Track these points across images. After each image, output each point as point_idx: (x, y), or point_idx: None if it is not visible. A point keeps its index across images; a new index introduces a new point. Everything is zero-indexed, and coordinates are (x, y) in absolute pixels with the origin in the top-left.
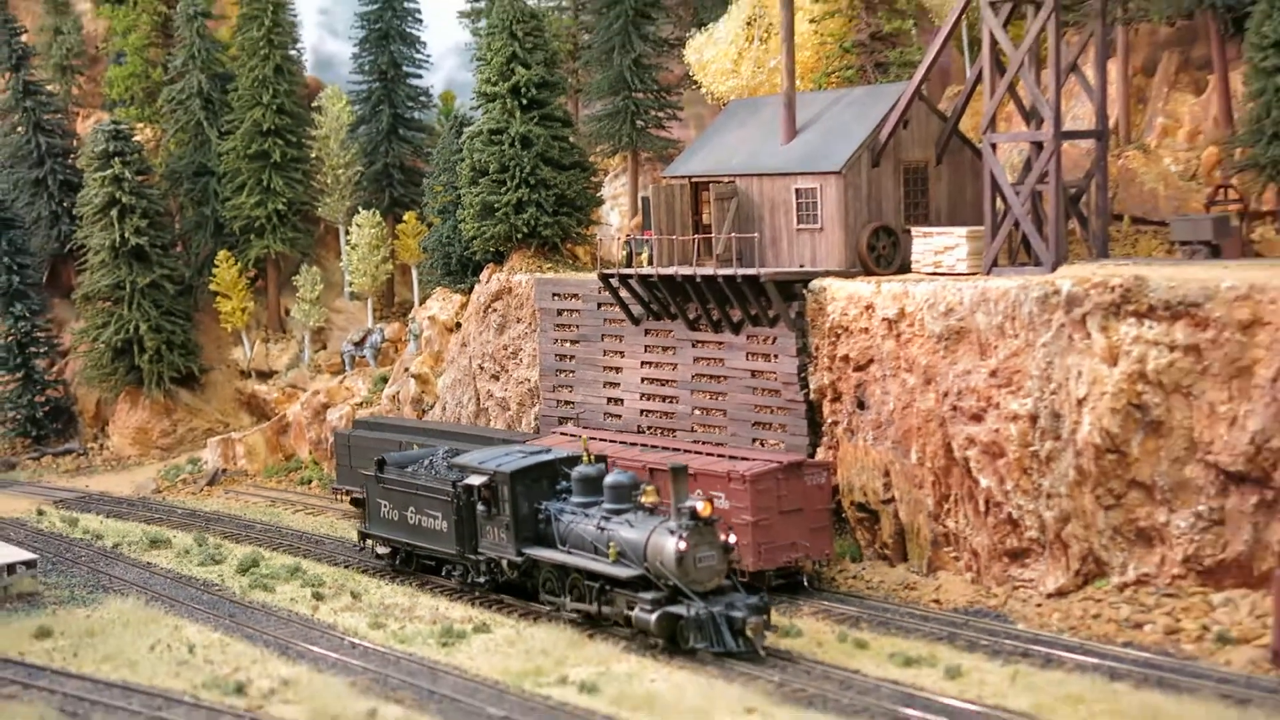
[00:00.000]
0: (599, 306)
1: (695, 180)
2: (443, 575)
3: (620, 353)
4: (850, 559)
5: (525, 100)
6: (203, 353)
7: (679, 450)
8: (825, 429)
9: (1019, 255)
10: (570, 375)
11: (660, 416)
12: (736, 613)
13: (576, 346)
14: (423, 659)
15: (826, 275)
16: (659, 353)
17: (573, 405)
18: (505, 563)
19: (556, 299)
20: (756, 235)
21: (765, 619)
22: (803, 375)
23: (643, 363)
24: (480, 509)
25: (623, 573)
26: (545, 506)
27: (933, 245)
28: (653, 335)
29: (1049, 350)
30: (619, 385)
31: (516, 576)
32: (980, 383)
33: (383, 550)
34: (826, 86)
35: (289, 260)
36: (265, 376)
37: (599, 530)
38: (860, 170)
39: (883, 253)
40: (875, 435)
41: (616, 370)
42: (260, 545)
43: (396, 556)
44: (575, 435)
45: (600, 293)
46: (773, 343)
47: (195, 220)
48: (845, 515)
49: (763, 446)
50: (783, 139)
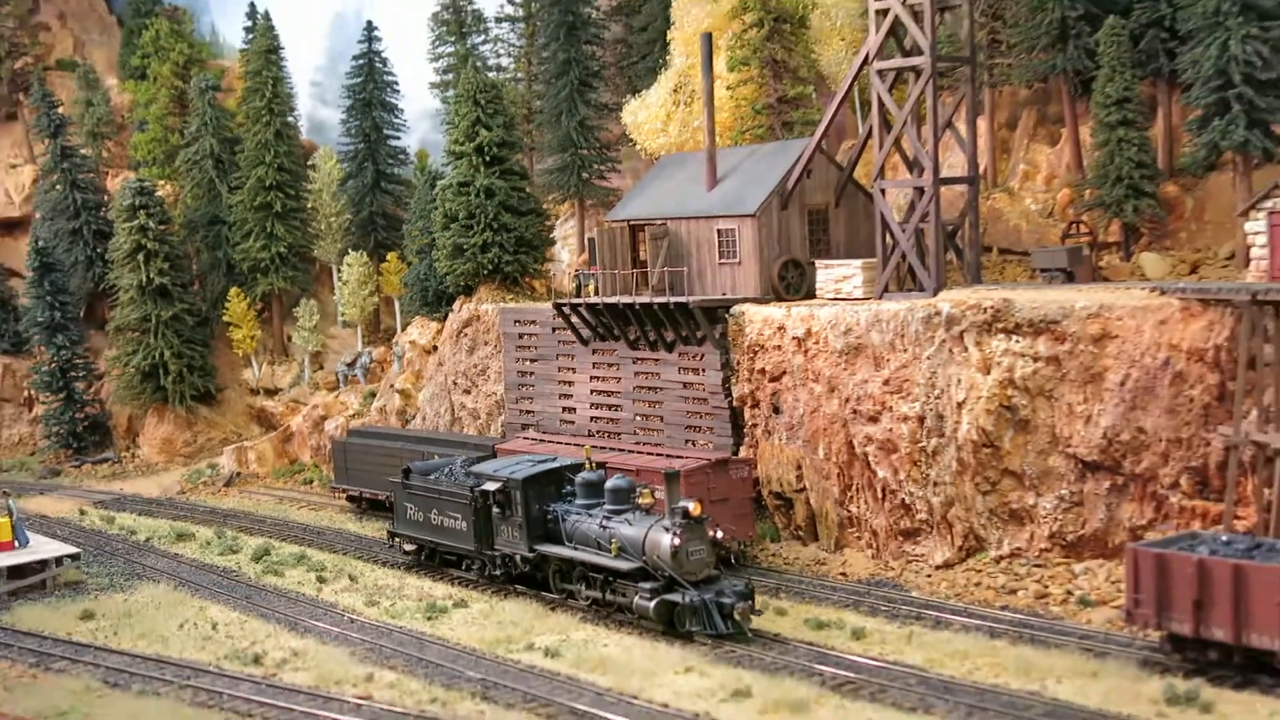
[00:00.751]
0: (554, 330)
1: (633, 223)
2: (462, 569)
3: (572, 369)
4: (770, 540)
5: (488, 157)
6: (218, 374)
7: (624, 451)
8: (746, 430)
9: (906, 282)
10: (530, 388)
11: (607, 422)
12: (726, 599)
13: (535, 364)
14: (411, 631)
15: (745, 302)
16: (605, 368)
17: (533, 414)
18: (519, 558)
19: (518, 324)
20: (685, 269)
21: (750, 604)
22: (726, 386)
23: (591, 377)
24: (495, 511)
25: (624, 566)
26: (553, 508)
27: (833, 275)
28: (599, 354)
29: (933, 362)
30: (572, 396)
31: (528, 570)
32: (876, 390)
33: (409, 548)
34: (742, 143)
35: (290, 294)
36: (271, 393)
37: (602, 528)
38: (771, 213)
39: (791, 282)
40: (788, 435)
41: (569, 384)
42: (271, 537)
43: (421, 553)
44: (536, 439)
45: (554, 319)
46: (701, 359)
47: (210, 262)
48: (765, 503)
49: (694, 446)
50: (706, 187)
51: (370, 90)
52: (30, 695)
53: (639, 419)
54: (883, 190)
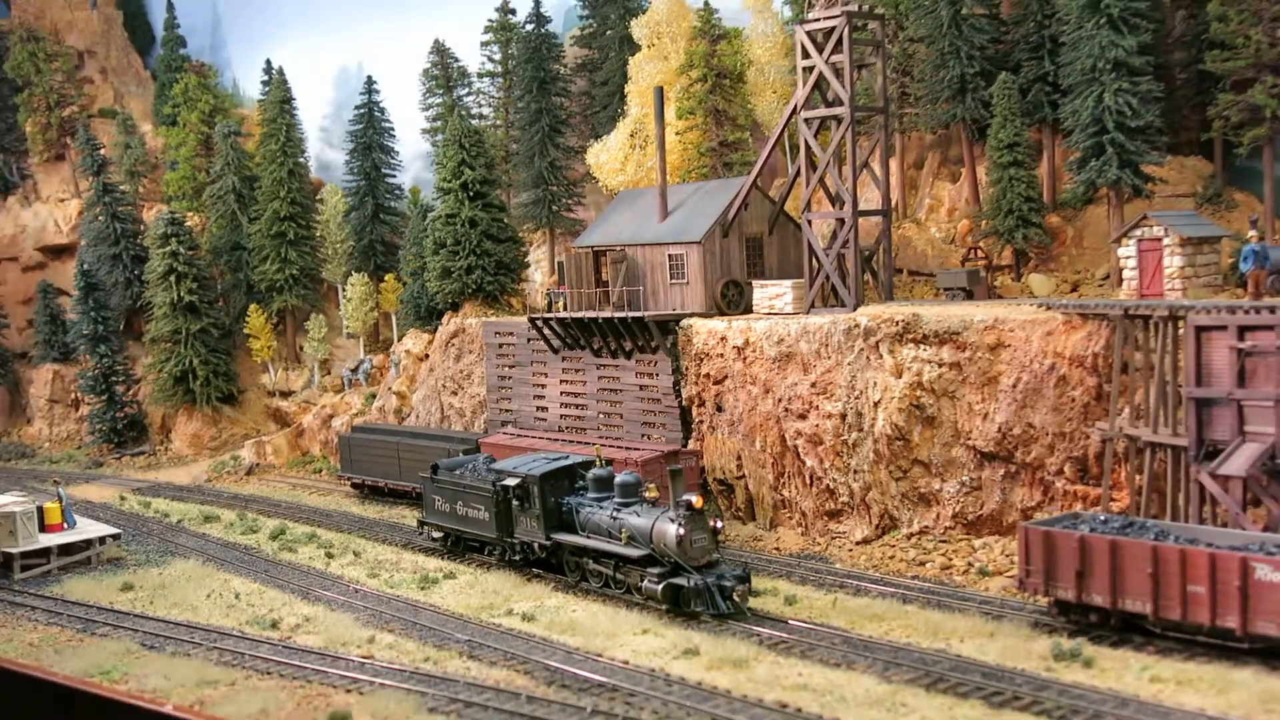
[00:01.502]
0: (529, 341)
1: (596, 249)
2: (485, 554)
3: (545, 374)
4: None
5: (472, 193)
6: (240, 379)
7: (591, 444)
8: (694, 426)
9: (830, 300)
10: (509, 390)
11: (575, 419)
12: (726, 582)
13: (513, 370)
14: (407, 599)
15: (692, 316)
16: (573, 373)
17: (511, 412)
18: (536, 545)
19: (498, 336)
20: (641, 288)
21: (747, 586)
22: (677, 388)
23: (561, 380)
24: (515, 504)
25: (634, 553)
26: (567, 501)
27: (768, 293)
28: (568, 361)
29: (853, 367)
30: (544, 397)
31: (545, 556)
32: (804, 391)
33: (437, 535)
34: (689, 180)
35: (302, 310)
36: (286, 395)
37: (612, 519)
38: (715, 240)
39: (732, 299)
40: (730, 430)
41: (542, 386)
42: (286, 519)
43: (448, 540)
44: (514, 434)
45: (529, 331)
46: (655, 365)
47: (232, 282)
48: (710, 488)
49: (649, 440)
50: (658, 219)
51: (370, 135)
52: (77, 656)
53: (602, 416)
54: (809, 221)
